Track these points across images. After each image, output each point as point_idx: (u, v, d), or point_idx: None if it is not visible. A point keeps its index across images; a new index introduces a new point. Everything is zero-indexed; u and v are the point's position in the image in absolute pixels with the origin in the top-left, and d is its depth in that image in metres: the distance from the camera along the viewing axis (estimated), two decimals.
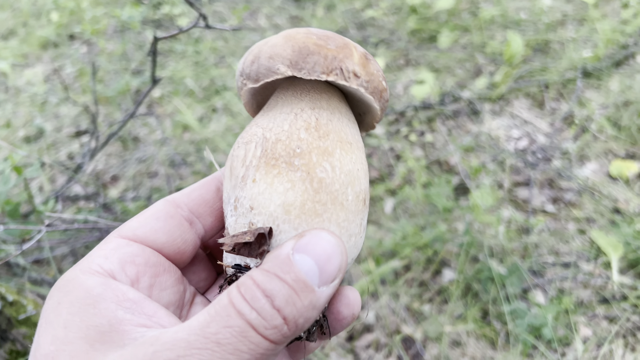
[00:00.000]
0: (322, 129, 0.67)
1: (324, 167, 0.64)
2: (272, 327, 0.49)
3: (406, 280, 2.35)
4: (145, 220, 0.67)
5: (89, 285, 0.56)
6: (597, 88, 3.27)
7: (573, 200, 2.63)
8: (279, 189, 0.61)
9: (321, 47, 0.66)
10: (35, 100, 3.75)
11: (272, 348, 0.50)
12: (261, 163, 0.64)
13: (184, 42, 4.22)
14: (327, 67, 0.66)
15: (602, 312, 2.14)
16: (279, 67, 0.66)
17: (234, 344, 0.48)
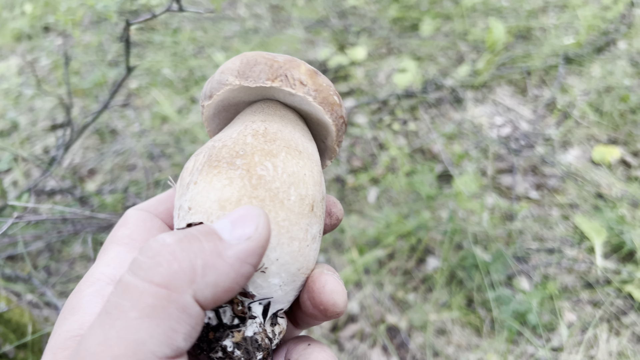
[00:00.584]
0: (270, 136, 0.66)
1: (265, 165, 0.62)
2: (156, 266, 0.47)
3: (390, 269, 2.32)
4: (135, 226, 0.69)
5: (83, 294, 0.59)
6: (579, 74, 3.26)
7: (556, 186, 2.62)
8: (216, 186, 0.59)
9: (268, 59, 0.69)
10: (8, 94, 3.65)
11: (162, 295, 0.46)
12: (204, 167, 0.62)
13: (162, 33, 4.14)
14: (272, 74, 0.67)
15: (586, 297, 2.14)
16: (227, 78, 0.68)
17: (117, 306, 0.46)
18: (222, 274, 0.49)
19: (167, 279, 0.46)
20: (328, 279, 0.63)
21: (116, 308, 0.46)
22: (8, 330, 1.65)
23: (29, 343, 1.66)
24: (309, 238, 0.63)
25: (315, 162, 0.69)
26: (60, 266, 2.29)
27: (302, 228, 0.62)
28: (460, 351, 2.02)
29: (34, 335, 1.66)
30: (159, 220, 0.72)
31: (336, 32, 4.03)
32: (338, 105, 0.72)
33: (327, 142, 0.78)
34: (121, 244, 0.67)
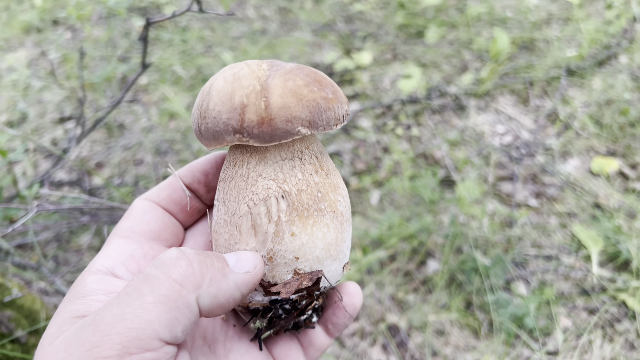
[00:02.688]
0: (324, 166, 0.73)
1: (340, 201, 0.72)
2: (177, 267, 0.58)
3: (391, 270, 2.37)
4: (136, 218, 0.78)
5: (86, 281, 0.67)
6: (580, 86, 3.32)
7: (555, 195, 2.68)
8: (319, 235, 0.68)
9: (328, 101, 0.69)
10: (17, 85, 3.69)
11: (175, 289, 0.56)
12: (294, 217, 0.68)
13: (171, 31, 4.18)
14: (337, 118, 0.71)
15: (582, 304, 2.19)
16: (299, 129, 0.67)
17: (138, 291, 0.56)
18: (221, 290, 0.61)
19: (182, 278, 0.57)
20: None
21: (136, 291, 0.56)
22: (20, 315, 1.69)
23: (41, 329, 1.70)
24: None
25: None
26: (69, 256, 2.33)
27: (347, 228, 0.75)
28: (458, 352, 2.07)
29: (46, 321, 1.70)
30: (160, 209, 0.81)
31: (342, 36, 4.08)
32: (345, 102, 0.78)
33: None
34: (122, 236, 0.75)
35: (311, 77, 0.69)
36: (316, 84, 0.69)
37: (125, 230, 0.76)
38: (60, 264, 2.32)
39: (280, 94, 0.66)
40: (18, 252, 2.29)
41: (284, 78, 0.68)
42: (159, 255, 0.61)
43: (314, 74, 0.71)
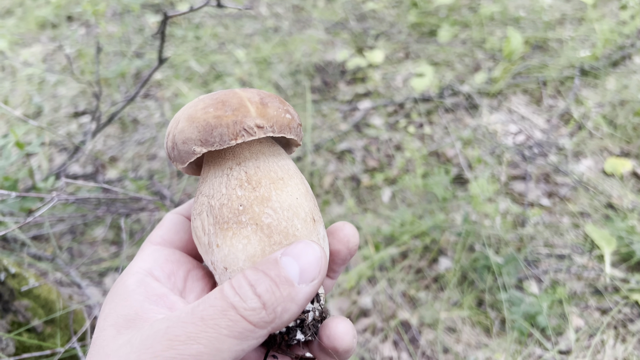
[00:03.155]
0: (253, 180, 0.75)
1: (267, 213, 0.72)
2: (250, 309, 0.59)
3: (403, 267, 2.37)
4: (167, 228, 0.84)
5: (127, 283, 0.71)
6: (594, 87, 3.31)
7: (568, 195, 2.67)
8: (239, 247, 0.70)
9: (220, 118, 0.72)
10: (32, 80, 3.72)
11: (249, 329, 0.59)
12: (217, 230, 0.72)
13: (184, 27, 4.20)
14: (233, 133, 0.72)
15: (595, 304, 2.19)
16: (194, 149, 0.72)
17: (215, 320, 0.58)
18: (293, 314, 0.63)
19: (256, 320, 0.59)
20: None
21: (212, 319, 0.58)
22: (37, 305, 1.71)
23: (57, 319, 1.72)
24: (321, 239, 0.77)
25: (296, 174, 0.79)
26: (83, 248, 2.36)
27: (315, 239, 0.74)
28: (469, 349, 2.07)
29: (62, 311, 1.72)
30: (189, 222, 0.86)
31: (355, 34, 4.09)
32: (292, 120, 0.79)
33: (291, 142, 0.88)
34: (155, 243, 0.81)
35: (216, 100, 0.74)
36: (217, 104, 0.73)
37: (158, 237, 0.82)
38: (74, 255, 2.34)
39: (181, 120, 0.74)
40: (33, 243, 2.31)
41: (190, 105, 0.76)
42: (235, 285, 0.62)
43: (224, 97, 0.75)
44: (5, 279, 1.60)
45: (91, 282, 2.02)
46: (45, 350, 1.59)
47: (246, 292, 0.60)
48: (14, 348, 1.52)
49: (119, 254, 2.29)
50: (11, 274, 1.64)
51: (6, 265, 1.63)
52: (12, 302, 1.62)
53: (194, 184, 2.68)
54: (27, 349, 1.56)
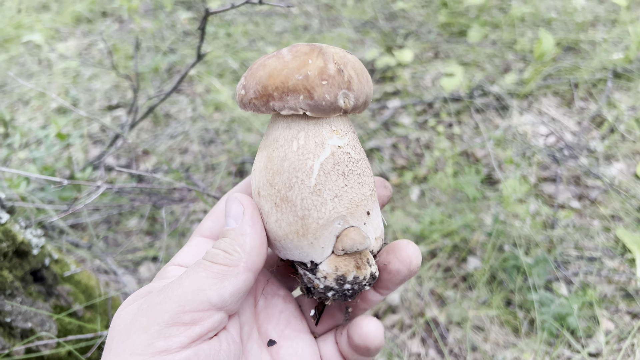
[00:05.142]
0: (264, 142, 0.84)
1: None
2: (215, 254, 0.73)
3: (432, 265, 2.39)
4: (216, 218, 0.88)
5: (168, 269, 0.82)
6: (626, 90, 3.27)
7: (599, 198, 2.65)
8: None
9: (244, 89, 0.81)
10: (68, 73, 3.81)
11: (223, 268, 0.71)
12: None
13: (216, 24, 4.26)
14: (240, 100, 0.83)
15: (625, 307, 2.17)
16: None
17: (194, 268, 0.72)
18: (253, 242, 0.76)
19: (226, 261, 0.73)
20: None
21: (193, 270, 0.71)
22: (78, 290, 1.77)
23: (97, 304, 1.78)
24: (264, 215, 0.81)
25: (265, 147, 0.82)
26: (118, 237, 2.42)
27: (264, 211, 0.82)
28: (497, 348, 2.08)
29: (102, 298, 1.77)
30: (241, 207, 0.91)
31: (384, 33, 4.10)
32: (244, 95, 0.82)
33: None
34: (203, 234, 0.88)
35: None
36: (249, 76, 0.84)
37: (206, 229, 0.88)
38: (109, 244, 2.40)
39: None
40: (71, 231, 2.38)
41: None
42: None
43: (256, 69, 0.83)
44: (50, 264, 1.66)
45: (127, 271, 2.08)
46: (86, 333, 1.65)
47: (210, 249, 0.74)
48: (56, 330, 1.58)
49: (153, 244, 2.34)
50: (54, 259, 1.70)
51: (50, 251, 1.69)
52: (55, 286, 1.67)
53: (227, 178, 2.72)
54: (69, 332, 1.62)
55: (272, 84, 0.75)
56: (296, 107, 0.75)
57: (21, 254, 1.52)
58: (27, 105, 3.58)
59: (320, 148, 0.78)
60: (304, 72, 0.74)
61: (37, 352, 1.47)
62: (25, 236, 1.53)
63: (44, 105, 3.54)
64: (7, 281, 1.42)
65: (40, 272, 1.62)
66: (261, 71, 0.77)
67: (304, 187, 0.77)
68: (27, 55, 4.10)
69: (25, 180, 2.14)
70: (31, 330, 1.48)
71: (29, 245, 1.54)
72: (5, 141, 2.68)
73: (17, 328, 1.45)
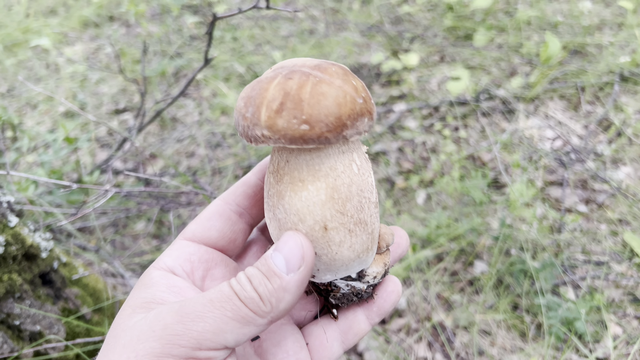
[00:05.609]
0: (280, 173, 0.77)
1: (279, 209, 0.76)
2: (250, 298, 0.67)
3: (438, 269, 2.38)
4: (201, 222, 0.86)
5: (152, 275, 0.79)
6: (634, 93, 3.26)
7: (606, 202, 2.64)
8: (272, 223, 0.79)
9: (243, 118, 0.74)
10: (75, 77, 3.83)
11: (251, 316, 0.67)
12: None
13: (222, 29, 4.28)
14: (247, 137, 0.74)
15: (633, 312, 2.16)
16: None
17: (221, 303, 0.66)
18: (289, 303, 0.70)
19: (255, 309, 0.68)
20: None
21: (220, 302, 0.67)
22: (86, 293, 1.78)
23: (104, 308, 1.78)
24: (334, 246, 0.77)
25: (324, 178, 0.76)
26: (125, 241, 2.43)
27: (322, 247, 0.76)
28: (504, 353, 2.07)
29: (109, 301, 1.78)
30: (228, 211, 0.88)
31: (390, 37, 4.11)
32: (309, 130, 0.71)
33: None
34: (186, 238, 0.85)
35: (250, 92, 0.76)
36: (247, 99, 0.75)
37: (189, 232, 0.86)
38: (117, 248, 2.41)
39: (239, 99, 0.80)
40: (79, 235, 2.39)
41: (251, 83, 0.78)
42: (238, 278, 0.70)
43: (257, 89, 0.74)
44: (58, 267, 1.67)
45: (134, 274, 2.08)
46: (94, 336, 1.66)
47: (245, 284, 0.68)
48: (64, 333, 1.59)
49: (160, 247, 2.35)
50: (62, 262, 1.71)
51: (58, 254, 1.70)
52: (63, 289, 1.68)
53: (233, 181, 2.73)
54: (77, 334, 1.62)
55: (345, 113, 0.70)
56: (362, 130, 0.74)
57: (30, 257, 1.54)
58: (35, 109, 3.60)
59: (367, 162, 0.79)
60: (359, 95, 0.72)
61: (46, 355, 1.48)
62: (34, 239, 1.54)
63: (52, 109, 3.57)
64: (16, 284, 1.43)
65: (48, 275, 1.63)
66: (325, 101, 0.69)
67: (371, 204, 0.77)
68: (35, 59, 4.13)
69: (33, 183, 2.15)
70: (40, 333, 1.49)
71: (38, 248, 1.55)
72: (14, 145, 2.70)
73: (25, 331, 1.45)
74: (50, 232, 2.27)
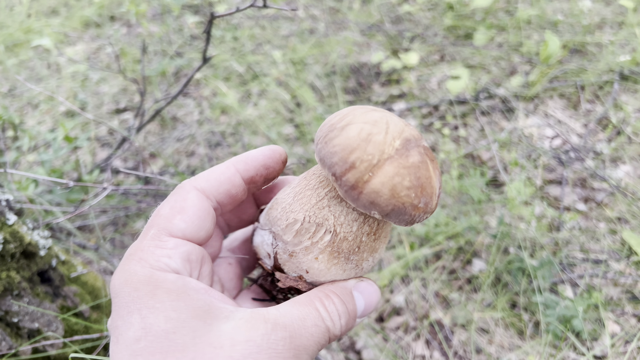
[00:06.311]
0: (378, 233, 0.84)
1: (369, 261, 0.85)
2: (337, 332, 0.75)
3: (436, 267, 2.39)
4: (191, 220, 0.77)
5: (171, 279, 0.69)
6: (633, 92, 3.26)
7: (605, 201, 2.64)
8: (332, 272, 0.83)
9: (414, 208, 0.75)
10: (76, 77, 3.85)
11: (328, 341, 0.74)
12: (326, 250, 0.81)
13: (222, 28, 4.29)
14: (409, 221, 0.77)
15: (632, 310, 2.16)
16: (374, 213, 0.75)
17: (314, 332, 0.71)
18: (351, 328, 0.80)
19: (334, 338, 0.76)
20: None
21: (314, 338, 0.72)
22: (84, 291, 1.79)
23: (102, 305, 1.80)
24: None
25: None
26: (125, 239, 2.44)
27: None
28: (502, 351, 2.07)
29: (108, 298, 1.79)
30: (211, 209, 0.81)
31: (390, 36, 4.11)
32: None
33: None
34: (175, 235, 0.75)
35: (419, 182, 0.73)
36: (418, 190, 0.73)
37: (179, 231, 0.76)
38: (116, 246, 2.42)
39: (382, 182, 0.71)
40: (78, 233, 2.40)
41: (397, 172, 0.72)
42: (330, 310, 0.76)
43: (426, 180, 0.74)
44: (56, 265, 1.68)
45: None
46: (92, 334, 1.67)
47: (336, 320, 0.75)
48: (63, 331, 1.60)
49: None
50: (61, 260, 1.72)
51: (57, 252, 1.71)
52: (62, 287, 1.69)
53: None
54: (75, 332, 1.63)
55: None
56: None
57: (28, 255, 1.55)
58: (36, 109, 3.62)
59: None
60: None
61: (44, 352, 1.49)
62: (32, 237, 1.56)
63: (53, 108, 3.58)
64: (14, 282, 1.44)
65: (47, 273, 1.64)
66: None
67: None
68: (36, 59, 4.14)
69: (33, 182, 2.17)
70: (38, 330, 1.50)
71: (36, 246, 1.56)
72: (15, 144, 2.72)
73: (24, 328, 1.47)
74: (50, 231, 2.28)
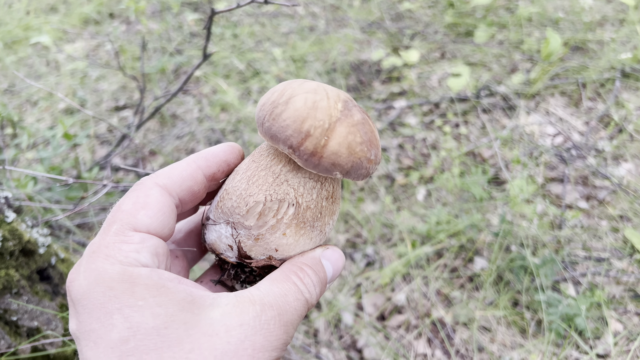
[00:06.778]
0: (335, 195, 0.89)
1: (330, 224, 0.89)
2: (314, 301, 0.79)
3: (438, 265, 2.38)
4: (155, 216, 0.74)
5: (145, 274, 0.66)
6: (635, 89, 3.25)
7: (607, 199, 2.63)
8: (301, 243, 0.85)
9: (368, 161, 0.82)
10: (75, 74, 3.83)
11: (307, 311, 0.78)
12: (292, 224, 0.84)
13: (222, 25, 4.27)
14: (365, 175, 0.84)
15: (634, 308, 2.15)
16: (336, 173, 0.81)
17: (297, 306, 0.74)
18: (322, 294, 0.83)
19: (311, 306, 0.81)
20: None
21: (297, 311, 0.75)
22: None
23: None
24: None
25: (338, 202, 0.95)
26: None
27: None
28: (504, 349, 2.06)
29: None
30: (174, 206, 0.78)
31: (391, 34, 4.09)
32: None
33: None
34: (140, 230, 0.71)
35: (367, 137, 0.82)
36: (368, 144, 0.82)
37: (143, 226, 0.72)
38: None
39: (339, 142, 0.79)
40: (77, 231, 2.39)
41: (349, 131, 0.80)
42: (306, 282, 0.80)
43: (371, 134, 0.83)
44: (56, 263, 1.66)
45: None
46: None
47: (312, 291, 0.79)
48: (62, 329, 1.58)
49: None
50: (60, 258, 1.71)
51: (56, 250, 1.70)
52: (61, 285, 1.68)
53: None
54: None
55: None
56: None
57: (27, 253, 1.53)
58: (35, 106, 3.60)
59: None
60: None
61: (43, 351, 1.48)
62: (31, 235, 1.54)
63: (52, 106, 3.56)
64: (13, 280, 1.43)
65: (46, 271, 1.63)
66: None
67: None
68: (35, 56, 4.12)
69: (32, 180, 2.15)
70: (37, 329, 1.48)
71: (35, 244, 1.55)
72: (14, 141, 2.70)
73: (23, 327, 1.45)
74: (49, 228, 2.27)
